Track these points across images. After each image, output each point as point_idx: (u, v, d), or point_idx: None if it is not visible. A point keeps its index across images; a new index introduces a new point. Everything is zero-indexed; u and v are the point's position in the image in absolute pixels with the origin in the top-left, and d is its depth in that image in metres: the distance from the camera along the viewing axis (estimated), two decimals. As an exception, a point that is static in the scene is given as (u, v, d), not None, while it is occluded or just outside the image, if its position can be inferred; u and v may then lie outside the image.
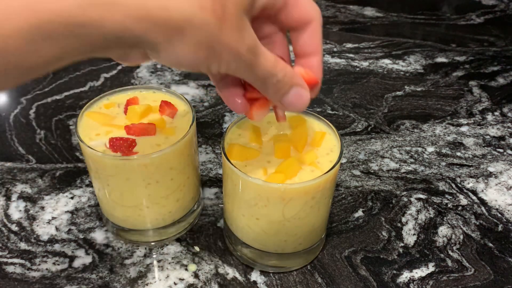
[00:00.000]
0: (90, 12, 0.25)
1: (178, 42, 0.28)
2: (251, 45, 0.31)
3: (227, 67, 0.31)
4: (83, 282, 0.48)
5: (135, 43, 0.27)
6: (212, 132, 0.69)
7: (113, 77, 0.80)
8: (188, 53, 0.29)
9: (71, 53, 0.27)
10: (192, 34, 0.28)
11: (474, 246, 0.53)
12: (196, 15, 0.27)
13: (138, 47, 0.28)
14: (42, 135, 0.68)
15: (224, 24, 0.28)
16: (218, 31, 0.28)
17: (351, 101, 0.76)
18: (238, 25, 0.30)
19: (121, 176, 0.46)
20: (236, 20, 0.29)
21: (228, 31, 0.29)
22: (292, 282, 0.49)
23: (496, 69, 0.85)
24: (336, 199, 0.58)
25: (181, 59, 0.29)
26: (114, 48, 0.28)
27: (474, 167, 0.64)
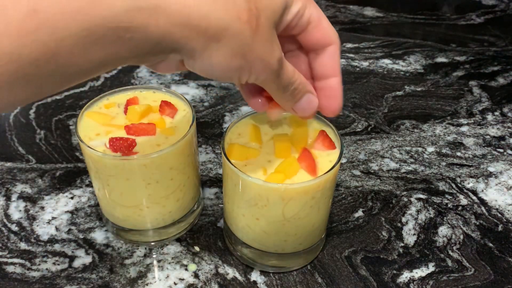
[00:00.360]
0: (137, 17, 0.26)
1: (214, 49, 0.29)
2: (280, 57, 0.33)
3: (256, 77, 0.33)
4: (83, 282, 0.48)
5: (174, 49, 0.29)
6: (212, 132, 0.69)
7: (113, 77, 0.80)
8: (223, 60, 0.30)
9: (115, 57, 0.28)
10: (228, 43, 0.29)
11: (474, 246, 0.53)
12: (233, 24, 0.29)
13: (176, 53, 0.29)
14: (42, 135, 0.68)
15: (257, 35, 0.30)
16: (251, 41, 0.30)
17: (351, 101, 0.76)
18: (270, 37, 0.31)
19: (121, 176, 0.46)
20: (268, 32, 0.31)
21: (260, 42, 0.30)
22: (292, 282, 0.49)
23: (496, 69, 0.85)
24: (336, 199, 0.58)
25: (214, 67, 0.30)
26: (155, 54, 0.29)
27: (474, 167, 0.64)
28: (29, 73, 0.25)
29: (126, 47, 0.27)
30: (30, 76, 0.26)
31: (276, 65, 0.32)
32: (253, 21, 0.29)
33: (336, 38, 0.37)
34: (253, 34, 0.30)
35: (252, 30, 0.29)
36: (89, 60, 0.27)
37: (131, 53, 0.28)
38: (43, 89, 0.28)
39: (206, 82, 0.79)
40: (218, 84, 0.79)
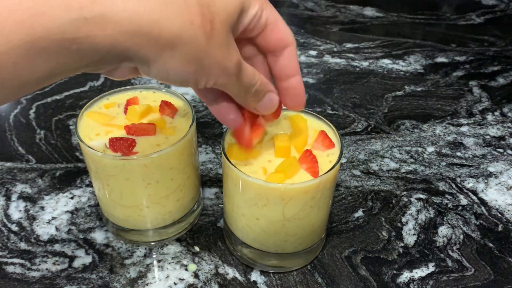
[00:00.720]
0: (82, 28, 0.25)
1: (169, 57, 0.29)
2: (237, 60, 0.32)
3: (215, 81, 0.32)
4: (83, 282, 0.48)
5: (126, 58, 0.28)
6: (212, 132, 0.69)
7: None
8: (178, 67, 0.29)
9: (64, 68, 0.27)
10: (182, 49, 0.28)
11: (474, 246, 0.53)
12: (186, 30, 0.28)
13: (129, 61, 0.29)
14: (42, 135, 0.68)
15: (212, 40, 0.29)
16: (206, 46, 0.29)
17: (351, 101, 0.76)
18: (225, 41, 0.31)
19: (121, 176, 0.46)
20: (223, 36, 0.30)
21: (216, 46, 0.30)
22: (292, 282, 0.49)
23: (496, 69, 0.85)
24: (336, 199, 0.58)
25: (170, 73, 0.30)
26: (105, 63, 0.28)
27: (474, 167, 0.64)
28: None
29: (74, 57, 0.26)
30: None
31: (234, 68, 0.32)
32: (207, 25, 0.29)
33: (293, 38, 0.37)
34: (208, 38, 0.29)
35: (206, 34, 0.29)
36: (35, 72, 0.26)
37: (80, 63, 0.27)
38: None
39: (206, 82, 0.79)
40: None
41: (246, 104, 0.38)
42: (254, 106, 0.38)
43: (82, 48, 0.26)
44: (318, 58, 0.87)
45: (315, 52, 0.88)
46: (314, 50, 0.89)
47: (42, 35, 0.25)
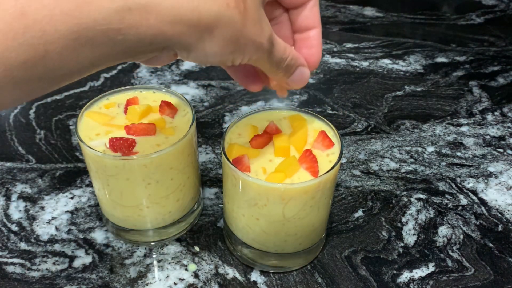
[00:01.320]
0: (127, 18, 0.26)
1: (208, 40, 0.29)
2: (269, 35, 0.33)
3: (249, 58, 0.33)
4: (83, 282, 0.48)
5: (168, 46, 0.29)
6: (212, 132, 0.69)
7: (113, 77, 0.80)
8: (217, 49, 0.30)
9: (107, 58, 0.27)
10: (220, 31, 0.29)
11: (474, 246, 0.53)
12: (224, 13, 0.29)
13: (169, 49, 0.29)
14: (42, 135, 0.68)
15: (247, 19, 0.30)
16: (242, 26, 0.30)
17: (351, 101, 0.76)
18: (258, 18, 0.31)
19: (121, 176, 0.46)
20: (256, 13, 0.31)
21: (251, 25, 0.30)
22: (292, 282, 0.49)
23: (496, 69, 0.85)
24: (336, 199, 0.58)
25: (209, 56, 0.31)
26: (148, 52, 0.29)
27: (474, 167, 0.64)
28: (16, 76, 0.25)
29: (118, 48, 0.27)
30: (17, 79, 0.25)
31: (267, 44, 0.33)
32: (241, 5, 0.29)
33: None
34: (243, 18, 0.30)
35: (241, 14, 0.29)
36: (79, 62, 0.26)
37: (123, 54, 0.28)
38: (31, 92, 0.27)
39: (206, 82, 0.79)
40: (218, 84, 0.79)
41: (278, 79, 0.38)
42: (285, 79, 0.38)
43: (127, 38, 0.26)
44: (318, 58, 0.87)
45: (315, 52, 0.88)
46: (314, 50, 0.89)
47: (88, 25, 0.25)
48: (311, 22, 0.38)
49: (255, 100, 0.75)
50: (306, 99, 0.76)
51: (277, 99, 0.75)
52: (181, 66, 0.83)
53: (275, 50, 0.34)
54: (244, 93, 0.76)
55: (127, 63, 0.83)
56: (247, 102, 0.75)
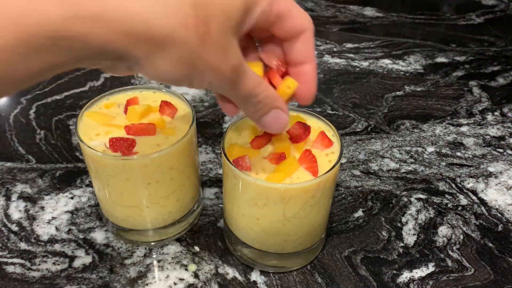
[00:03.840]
0: (74, 26, 0.25)
1: (159, 57, 0.28)
2: (235, 65, 0.31)
3: (209, 85, 0.31)
4: (83, 282, 0.48)
5: (119, 56, 0.28)
6: (212, 132, 0.69)
7: (113, 77, 0.80)
8: (170, 68, 0.29)
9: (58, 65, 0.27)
10: (173, 50, 0.28)
11: (474, 246, 0.53)
12: (177, 32, 0.27)
13: (121, 60, 0.28)
14: (42, 135, 0.68)
15: (207, 43, 0.29)
16: (199, 49, 0.29)
17: (351, 101, 0.76)
18: (222, 45, 0.30)
19: (121, 176, 0.46)
20: (221, 40, 0.30)
21: (211, 50, 0.29)
22: (292, 282, 0.49)
23: (496, 69, 0.85)
24: (336, 199, 0.58)
25: (161, 74, 0.30)
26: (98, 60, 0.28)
27: (474, 167, 0.64)
28: None
29: (67, 55, 0.26)
30: None
31: (230, 73, 0.31)
32: (201, 27, 0.28)
33: (310, 23, 0.35)
34: (201, 41, 0.28)
35: (199, 37, 0.28)
36: (28, 68, 0.26)
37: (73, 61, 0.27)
38: None
39: (206, 82, 0.79)
40: (218, 84, 0.79)
41: (247, 114, 0.36)
42: (256, 118, 0.36)
43: (75, 46, 0.26)
44: (318, 58, 0.87)
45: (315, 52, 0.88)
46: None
47: (34, 32, 0.24)
48: (305, 56, 0.37)
49: (255, 100, 0.75)
50: (306, 99, 0.75)
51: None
52: (181, 66, 0.83)
53: (242, 82, 0.32)
54: (244, 93, 0.76)
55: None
56: (247, 102, 0.74)
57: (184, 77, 0.30)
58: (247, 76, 0.33)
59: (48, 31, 0.25)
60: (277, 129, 0.37)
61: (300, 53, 0.36)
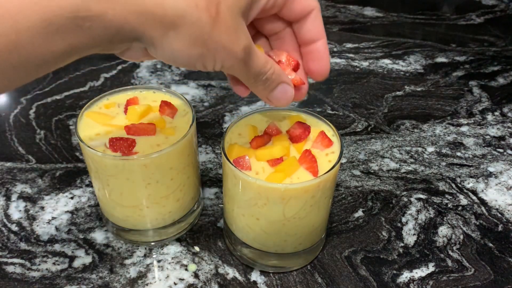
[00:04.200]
0: (94, 6, 0.27)
1: (173, 37, 0.29)
2: (246, 45, 0.32)
3: (222, 65, 0.32)
4: (83, 282, 0.48)
5: (135, 38, 0.29)
6: (212, 132, 0.69)
7: (113, 77, 0.80)
8: (183, 48, 0.30)
9: (79, 47, 0.28)
10: (185, 30, 0.29)
11: (474, 246, 0.53)
12: (190, 12, 0.29)
13: (138, 41, 0.30)
14: (42, 135, 0.68)
15: (218, 23, 0.30)
16: (210, 29, 0.30)
17: (351, 101, 0.76)
18: (233, 26, 0.31)
19: (121, 176, 0.46)
20: (231, 21, 0.31)
21: (222, 29, 0.30)
22: (292, 282, 0.49)
23: (496, 69, 0.85)
24: (336, 199, 0.58)
25: (176, 54, 0.31)
26: (117, 42, 0.29)
27: (474, 167, 0.64)
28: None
29: (87, 36, 0.28)
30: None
31: (241, 53, 0.32)
32: (212, 8, 0.29)
33: (316, 2, 0.37)
34: (213, 22, 0.30)
35: (211, 17, 0.29)
36: (52, 50, 0.27)
37: (93, 42, 0.28)
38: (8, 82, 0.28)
39: (206, 82, 0.79)
40: (218, 84, 0.79)
41: (257, 92, 0.38)
42: (265, 95, 0.38)
43: (94, 26, 0.27)
44: (318, 58, 0.87)
45: (315, 52, 0.88)
46: (314, 50, 0.89)
47: (57, 13, 0.26)
48: (315, 34, 0.38)
49: (255, 100, 0.75)
50: (306, 99, 0.76)
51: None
52: (181, 66, 0.83)
53: (252, 61, 0.34)
54: (244, 93, 0.76)
55: (127, 63, 0.83)
56: (247, 102, 0.75)
57: (197, 57, 0.31)
58: (256, 55, 0.34)
59: (69, 11, 0.26)
60: (285, 102, 0.39)
61: (311, 32, 0.38)
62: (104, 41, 0.29)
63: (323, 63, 0.39)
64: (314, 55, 0.39)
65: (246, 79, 0.36)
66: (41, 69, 0.28)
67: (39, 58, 0.27)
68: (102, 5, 0.27)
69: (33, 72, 0.28)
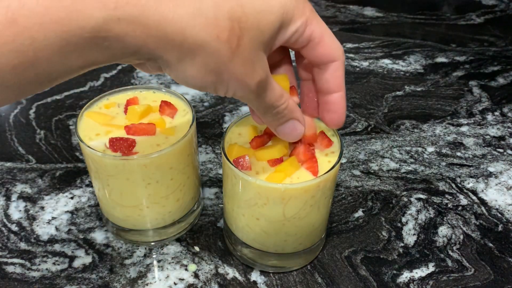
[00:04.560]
0: (115, 28, 0.26)
1: (189, 63, 0.29)
2: (261, 79, 0.32)
3: (233, 94, 0.33)
4: (83, 282, 0.48)
5: (151, 58, 0.29)
6: (212, 132, 0.69)
7: (113, 77, 0.80)
8: (197, 75, 0.30)
9: (94, 62, 0.28)
10: (202, 59, 0.29)
11: (474, 246, 0.53)
12: (210, 42, 0.28)
13: (153, 61, 0.30)
14: (42, 135, 0.68)
15: (237, 56, 0.30)
16: (228, 60, 0.30)
17: (351, 101, 0.76)
18: (251, 58, 0.31)
19: (121, 176, 0.46)
20: (250, 54, 0.30)
21: (239, 62, 0.30)
22: (292, 282, 0.49)
23: (496, 69, 0.85)
24: (336, 199, 0.58)
25: (189, 79, 0.31)
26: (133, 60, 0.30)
27: (474, 167, 0.64)
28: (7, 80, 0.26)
29: (104, 54, 0.28)
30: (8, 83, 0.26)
31: (255, 87, 0.32)
32: (234, 41, 0.29)
33: (340, 54, 0.36)
34: (232, 54, 0.29)
35: (231, 50, 0.29)
36: (68, 66, 0.27)
37: (109, 59, 0.28)
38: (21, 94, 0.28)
39: (206, 82, 0.79)
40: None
41: (266, 122, 0.38)
42: (274, 127, 0.38)
43: (113, 46, 0.27)
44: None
45: (315, 52, 0.88)
46: (314, 50, 0.89)
47: (77, 33, 0.26)
48: (332, 85, 0.37)
49: (255, 100, 0.75)
50: (306, 99, 0.75)
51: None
52: (181, 66, 0.83)
53: (266, 95, 0.34)
54: (244, 93, 0.76)
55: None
56: (247, 102, 0.74)
57: (209, 84, 0.31)
58: (270, 89, 0.34)
59: (89, 32, 0.26)
60: (292, 138, 0.39)
61: (328, 82, 0.37)
62: (120, 58, 0.29)
63: (338, 115, 0.39)
64: (330, 106, 0.38)
65: (256, 109, 0.35)
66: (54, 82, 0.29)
67: (54, 73, 0.28)
68: (122, 27, 0.26)
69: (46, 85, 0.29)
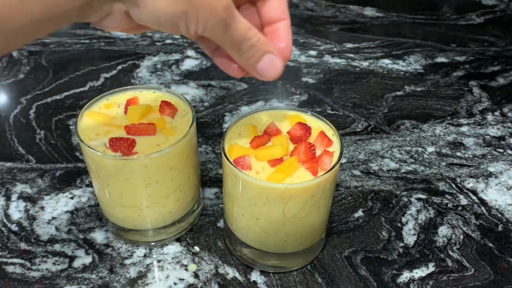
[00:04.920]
0: None
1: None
2: (227, 4, 0.32)
3: (204, 26, 0.32)
4: (83, 282, 0.48)
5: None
6: (212, 132, 0.69)
7: (113, 77, 0.80)
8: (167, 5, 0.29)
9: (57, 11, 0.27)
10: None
11: (474, 246, 0.53)
12: None
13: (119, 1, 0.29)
14: (42, 135, 0.68)
15: None
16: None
17: (351, 101, 0.76)
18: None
19: (121, 176, 0.46)
20: None
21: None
22: (292, 282, 0.49)
23: (496, 69, 0.85)
24: (336, 199, 0.58)
25: (159, 13, 0.30)
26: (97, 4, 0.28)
27: (474, 167, 0.64)
28: None
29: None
30: None
31: (223, 13, 0.31)
32: None
33: None
34: None
35: None
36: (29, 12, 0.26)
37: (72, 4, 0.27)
38: None
39: (206, 82, 0.79)
40: (218, 84, 0.79)
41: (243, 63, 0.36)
42: (253, 66, 0.36)
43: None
44: (318, 58, 0.87)
45: (315, 52, 0.88)
46: (314, 50, 0.89)
47: None
48: (279, 13, 0.37)
49: (255, 100, 0.75)
50: (306, 99, 0.76)
51: (277, 99, 0.75)
52: (181, 66, 0.83)
53: (235, 25, 0.33)
54: (244, 93, 0.76)
55: (127, 63, 0.83)
56: (247, 102, 0.75)
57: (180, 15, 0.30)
58: (238, 19, 0.33)
59: None
60: (273, 74, 0.37)
61: (274, 10, 0.37)
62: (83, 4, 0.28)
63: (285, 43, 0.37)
64: (276, 34, 0.37)
65: (230, 46, 0.34)
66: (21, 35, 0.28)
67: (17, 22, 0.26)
68: None
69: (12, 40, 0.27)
